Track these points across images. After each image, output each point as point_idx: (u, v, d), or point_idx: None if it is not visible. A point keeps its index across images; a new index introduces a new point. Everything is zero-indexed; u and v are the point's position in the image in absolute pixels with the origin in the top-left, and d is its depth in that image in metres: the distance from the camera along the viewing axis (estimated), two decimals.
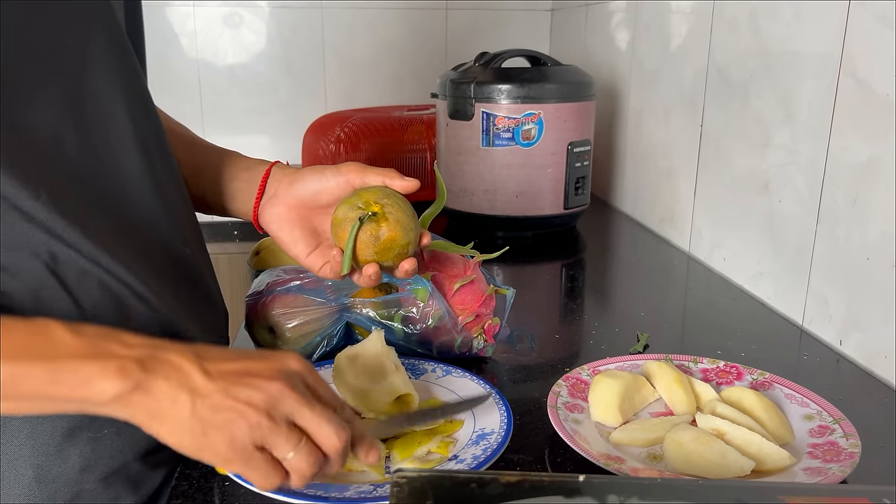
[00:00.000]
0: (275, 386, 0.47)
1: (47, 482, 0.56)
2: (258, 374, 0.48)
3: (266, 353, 0.51)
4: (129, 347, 0.47)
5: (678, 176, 1.24)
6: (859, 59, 0.79)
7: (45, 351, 0.45)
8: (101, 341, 0.46)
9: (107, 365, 0.45)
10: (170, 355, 0.47)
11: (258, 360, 0.50)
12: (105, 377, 0.45)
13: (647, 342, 0.85)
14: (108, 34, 0.59)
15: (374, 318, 0.76)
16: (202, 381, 0.46)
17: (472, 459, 0.59)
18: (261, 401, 0.46)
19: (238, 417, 0.46)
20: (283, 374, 0.48)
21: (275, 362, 0.49)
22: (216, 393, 0.46)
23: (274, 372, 0.48)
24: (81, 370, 0.45)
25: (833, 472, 0.56)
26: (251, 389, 0.47)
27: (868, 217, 0.78)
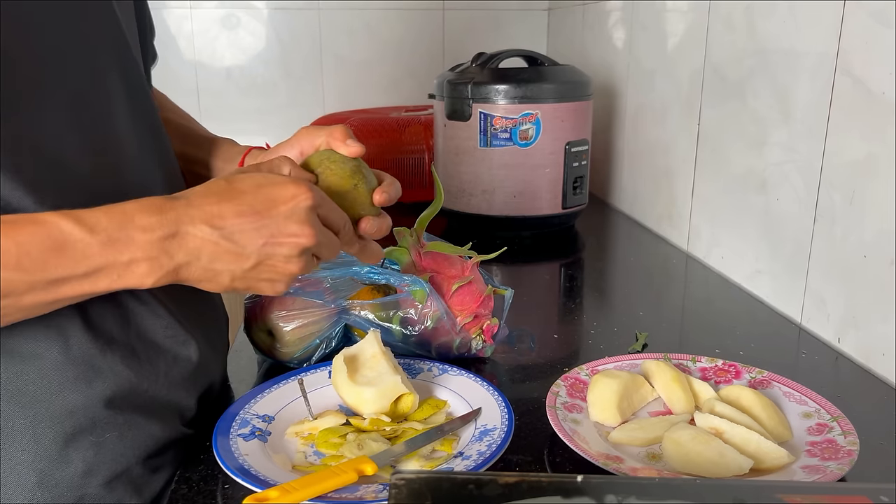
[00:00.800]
0: (302, 242, 0.53)
1: (50, 487, 0.56)
2: (284, 232, 0.53)
3: (278, 197, 0.53)
4: (148, 232, 0.49)
5: (676, 175, 1.24)
6: (855, 56, 0.79)
7: (70, 255, 0.47)
8: (117, 233, 0.48)
9: (135, 257, 0.48)
10: (189, 233, 0.50)
11: (277, 215, 0.53)
12: (137, 271, 0.49)
13: (645, 341, 0.85)
14: (113, 41, 0.59)
15: (373, 320, 0.76)
16: (233, 253, 0.52)
17: (478, 455, 0.59)
18: (295, 261, 0.54)
19: (277, 278, 0.54)
20: (304, 224, 0.53)
21: (292, 213, 0.53)
22: (249, 260, 0.52)
23: (297, 225, 0.53)
24: (113, 268, 0.48)
25: (831, 469, 0.56)
26: (285, 251, 0.53)
27: (865, 215, 0.78)
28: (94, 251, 0.47)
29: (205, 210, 0.51)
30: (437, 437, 0.63)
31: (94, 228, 0.47)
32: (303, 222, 0.53)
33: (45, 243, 0.46)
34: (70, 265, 0.47)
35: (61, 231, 0.47)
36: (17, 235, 0.46)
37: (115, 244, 0.48)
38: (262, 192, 0.53)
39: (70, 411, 0.55)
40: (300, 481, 0.54)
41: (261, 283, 0.54)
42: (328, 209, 0.57)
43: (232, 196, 0.52)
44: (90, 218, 0.48)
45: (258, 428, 0.64)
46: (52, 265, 0.46)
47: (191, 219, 0.50)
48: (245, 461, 0.59)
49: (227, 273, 0.52)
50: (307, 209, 0.54)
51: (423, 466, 0.60)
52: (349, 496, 0.55)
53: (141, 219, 0.49)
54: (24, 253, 0.46)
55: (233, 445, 0.61)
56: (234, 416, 0.65)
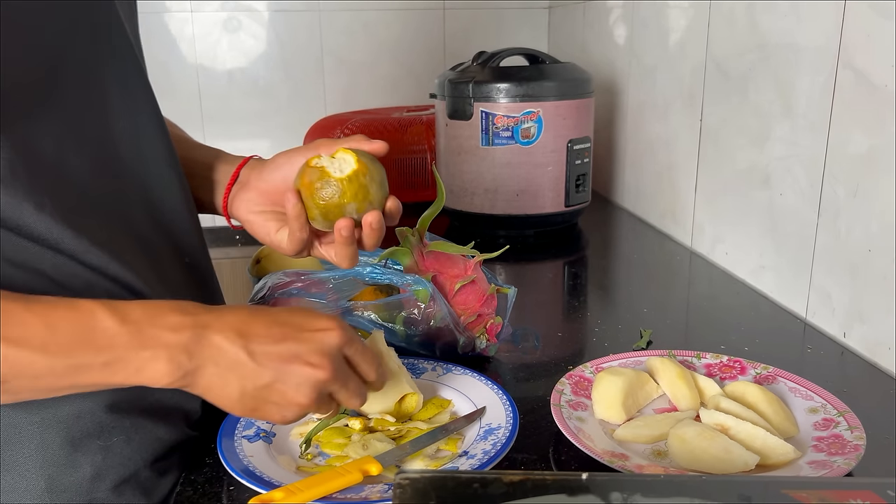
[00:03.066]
0: (317, 375, 0.52)
1: (59, 492, 0.56)
2: (302, 358, 0.51)
3: (308, 325, 0.53)
4: (176, 331, 0.49)
5: (679, 171, 1.24)
6: (857, 50, 0.78)
7: (96, 343, 0.47)
8: (147, 328, 0.48)
9: (157, 354, 0.48)
10: (214, 338, 0.50)
11: (301, 339, 0.52)
12: (156, 368, 0.48)
13: (650, 338, 0.85)
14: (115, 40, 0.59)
15: (376, 321, 0.76)
16: (249, 367, 0.50)
17: (483, 454, 0.59)
18: (305, 392, 0.52)
19: (285, 404, 0.52)
20: (325, 357, 0.52)
21: (317, 343, 0.52)
22: (263, 378, 0.51)
23: (317, 356, 0.52)
24: (133, 361, 0.48)
25: (838, 464, 0.56)
26: (296, 379, 0.51)
27: (869, 208, 0.78)
28: (120, 341, 0.47)
29: (236, 319, 0.51)
30: (441, 436, 0.63)
31: (125, 319, 0.48)
32: (324, 355, 0.52)
33: (76, 327, 0.47)
34: (93, 352, 0.47)
35: (95, 318, 0.47)
36: (49, 316, 0.46)
37: (142, 337, 0.48)
38: (294, 317, 0.53)
39: (77, 416, 0.56)
40: (305, 482, 0.54)
41: (268, 405, 0.52)
42: (357, 352, 0.55)
43: (266, 313, 0.53)
44: (125, 308, 0.48)
45: (262, 429, 0.64)
46: (77, 350, 0.46)
47: (220, 325, 0.50)
48: (250, 463, 0.59)
49: (238, 386, 0.51)
50: (334, 345, 0.53)
51: (427, 466, 0.60)
52: (354, 496, 0.55)
53: (172, 317, 0.49)
54: (51, 335, 0.46)
55: (237, 447, 0.61)
56: (238, 418, 0.65)
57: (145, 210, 0.61)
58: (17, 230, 0.50)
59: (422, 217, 0.79)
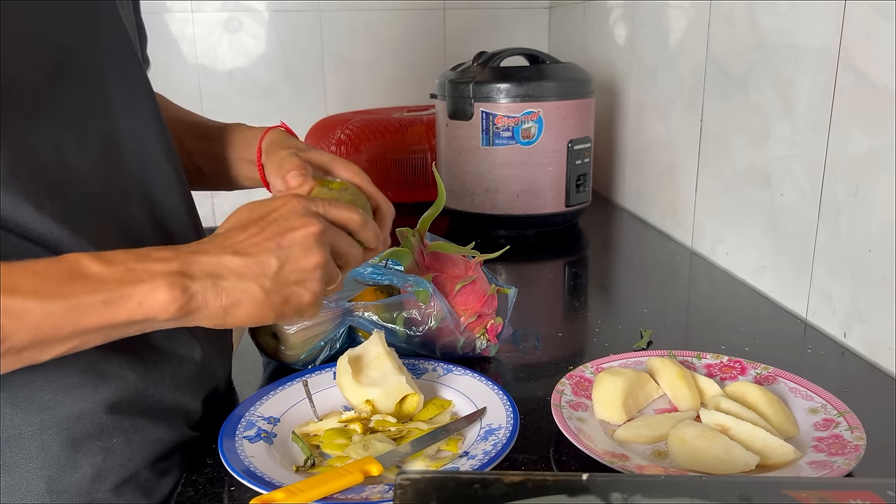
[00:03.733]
0: (310, 229, 0.53)
1: (59, 493, 0.56)
2: (288, 227, 0.53)
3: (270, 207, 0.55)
4: (165, 261, 0.49)
5: (679, 171, 1.24)
6: (857, 50, 0.78)
7: (88, 284, 0.46)
8: (135, 264, 0.48)
9: (154, 284, 0.47)
10: (204, 257, 0.50)
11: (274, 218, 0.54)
12: (158, 297, 0.47)
13: (650, 339, 0.85)
14: (116, 39, 0.59)
15: (377, 321, 0.76)
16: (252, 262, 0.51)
17: (483, 455, 0.59)
18: (313, 250, 0.53)
19: (306, 276, 0.53)
20: (303, 215, 0.54)
21: (287, 211, 0.54)
22: (271, 263, 0.51)
23: (296, 219, 0.54)
24: (132, 295, 0.47)
25: (838, 465, 0.56)
26: (298, 245, 0.53)
27: (869, 208, 0.78)
28: (113, 279, 0.47)
29: (213, 241, 0.53)
30: (442, 436, 0.63)
31: (111, 261, 0.47)
32: (301, 214, 0.54)
33: (63, 272, 0.46)
34: (87, 291, 0.46)
35: (78, 263, 0.47)
36: (34, 266, 0.46)
37: (133, 273, 0.47)
38: (256, 209, 0.55)
39: (77, 417, 0.56)
40: (306, 482, 0.54)
41: (293, 287, 0.52)
42: (325, 207, 0.57)
43: (231, 228, 0.54)
44: (108, 254, 0.48)
45: (263, 430, 0.65)
46: (69, 290, 0.45)
47: (203, 249, 0.51)
48: (251, 463, 0.59)
49: (258, 287, 0.51)
50: (301, 204, 0.55)
51: (428, 466, 0.60)
52: (355, 497, 0.55)
53: (157, 252, 0.49)
54: (40, 280, 0.45)
55: (238, 447, 0.61)
56: (239, 418, 0.65)
57: (144, 209, 0.61)
58: (17, 230, 0.50)
59: (422, 217, 0.79)
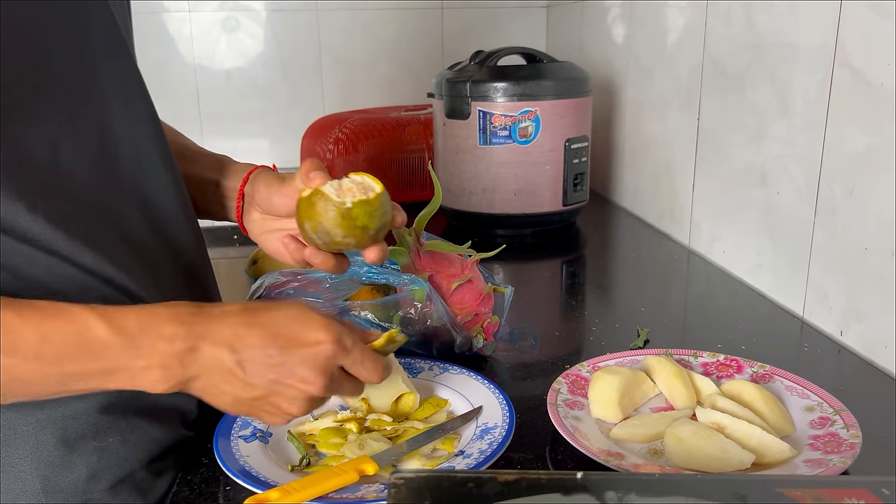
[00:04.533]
0: (309, 390, 0.52)
1: (54, 493, 0.56)
2: (295, 375, 0.52)
3: (301, 338, 0.52)
4: (170, 342, 0.49)
5: (676, 170, 1.24)
6: (853, 48, 0.78)
7: (90, 352, 0.48)
8: (141, 338, 0.49)
9: (151, 363, 0.49)
10: (207, 350, 0.50)
11: (293, 356, 0.52)
12: (150, 377, 0.49)
13: (647, 337, 0.85)
14: (110, 40, 0.59)
15: (373, 320, 0.76)
16: (241, 381, 0.51)
17: (479, 454, 0.59)
18: (298, 405, 0.53)
19: (278, 413, 0.54)
20: (317, 373, 0.52)
21: (310, 359, 0.52)
22: (255, 391, 0.52)
23: (310, 372, 0.52)
24: (127, 370, 0.49)
25: (834, 463, 0.56)
26: (289, 393, 0.52)
27: (866, 207, 0.78)
28: (114, 351, 0.48)
29: (229, 331, 0.51)
30: (438, 435, 0.63)
31: (120, 329, 0.48)
32: (317, 372, 0.52)
33: (70, 339, 0.47)
34: (88, 362, 0.48)
35: (88, 328, 0.48)
36: (43, 326, 0.47)
37: (137, 349, 0.48)
38: (289, 327, 0.52)
39: (72, 417, 0.55)
40: (301, 482, 0.54)
41: (261, 412, 0.54)
42: (354, 362, 0.55)
43: (260, 323, 0.52)
44: (119, 317, 0.49)
45: (259, 429, 0.64)
46: (71, 361, 0.47)
47: (213, 337, 0.51)
48: (246, 463, 0.59)
49: (231, 396, 0.52)
50: (326, 359, 0.53)
51: (424, 465, 0.60)
52: (350, 496, 0.55)
53: (167, 327, 0.50)
54: (46, 344, 0.46)
55: (234, 447, 0.61)
56: (234, 418, 0.65)
57: (140, 210, 0.61)
58: (11, 231, 0.50)
59: (419, 216, 0.79)
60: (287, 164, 1.91)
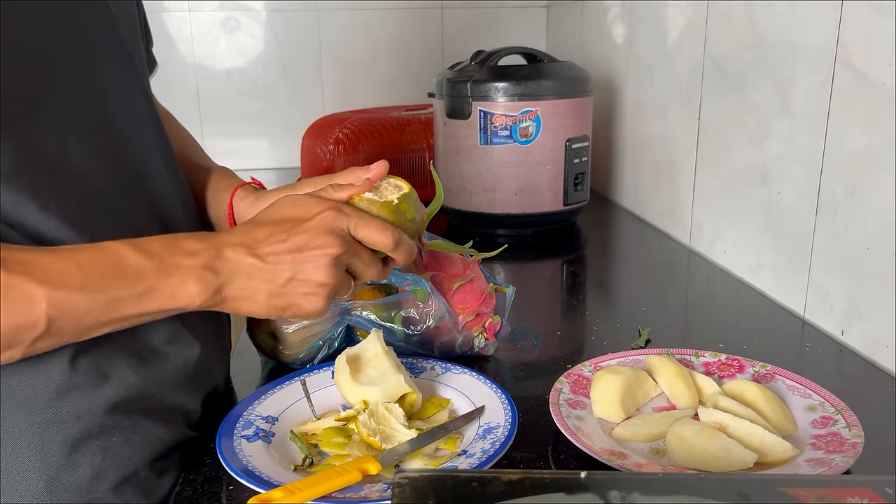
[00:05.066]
0: (329, 251, 0.55)
1: (58, 492, 0.56)
2: (310, 244, 0.55)
3: (304, 215, 0.56)
4: (194, 256, 0.53)
5: (677, 169, 1.24)
6: (854, 48, 0.79)
7: (128, 277, 0.51)
8: (169, 257, 0.52)
9: (185, 278, 0.52)
10: (228, 253, 0.54)
11: (301, 230, 0.55)
12: (187, 290, 0.52)
13: (648, 337, 0.85)
14: (109, 41, 0.59)
15: (375, 320, 0.76)
16: (266, 269, 0.55)
17: (482, 453, 0.59)
18: (325, 271, 0.55)
19: (311, 290, 0.56)
20: (329, 235, 0.55)
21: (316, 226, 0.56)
22: (282, 274, 0.55)
23: (321, 237, 0.55)
24: (165, 288, 0.52)
25: (836, 462, 0.56)
26: (312, 263, 0.55)
27: (867, 206, 0.78)
28: (148, 272, 0.51)
29: (242, 235, 0.55)
30: (440, 435, 0.63)
31: (148, 253, 0.52)
32: (327, 233, 0.56)
33: (105, 265, 0.50)
34: (128, 285, 0.50)
35: (119, 255, 0.51)
36: (79, 258, 0.49)
37: (166, 266, 0.52)
38: (289, 212, 0.57)
39: (77, 416, 0.56)
40: (304, 481, 0.54)
41: (298, 298, 0.56)
42: (357, 224, 0.57)
43: (263, 220, 0.57)
44: (144, 244, 0.52)
45: (262, 429, 0.64)
46: (111, 285, 0.50)
47: (230, 243, 0.54)
48: (249, 462, 0.59)
49: (264, 290, 0.55)
50: (332, 220, 0.56)
51: (427, 465, 0.60)
52: (353, 496, 0.55)
53: (187, 244, 0.53)
54: (86, 274, 0.49)
55: (237, 447, 0.61)
56: (237, 417, 0.65)
57: (146, 209, 0.61)
58: (21, 229, 0.50)
59: None
60: (287, 164, 1.91)
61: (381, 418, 0.64)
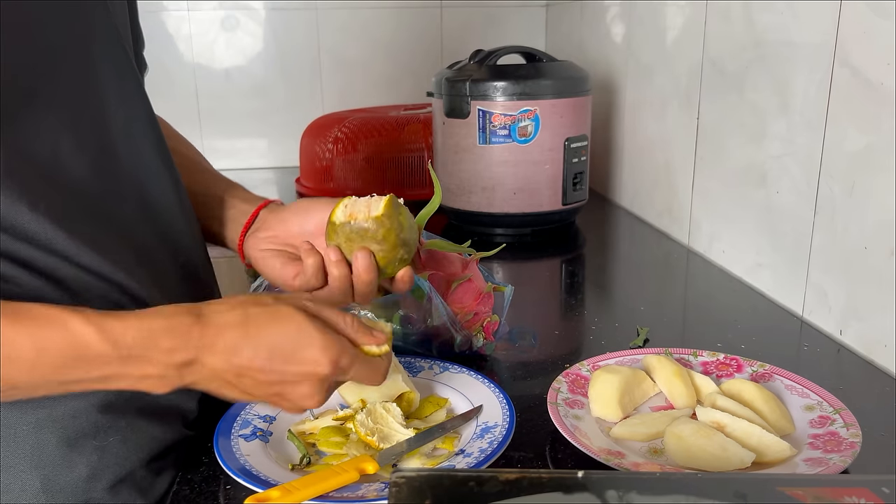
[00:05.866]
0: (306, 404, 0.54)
1: (54, 492, 0.56)
2: (290, 396, 0.53)
3: (297, 358, 0.51)
4: (168, 355, 0.49)
5: (676, 169, 1.24)
6: (853, 48, 0.79)
7: (88, 364, 0.48)
8: (139, 352, 0.49)
9: (149, 373, 0.50)
10: (205, 369, 0.51)
11: (287, 381, 0.52)
12: (150, 384, 0.50)
13: (646, 336, 0.85)
14: (107, 40, 0.59)
15: (373, 319, 0.76)
16: (242, 395, 0.53)
17: (479, 453, 0.59)
18: (299, 410, 0.55)
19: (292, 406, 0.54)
20: (313, 393, 0.53)
21: (303, 383, 0.52)
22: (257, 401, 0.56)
23: (305, 392, 0.53)
24: (127, 378, 0.49)
25: (834, 462, 0.56)
26: (287, 405, 0.54)
27: (865, 206, 0.78)
28: (112, 361, 0.48)
29: (226, 344, 0.50)
30: (438, 434, 0.63)
31: (116, 344, 0.48)
32: (314, 390, 0.53)
33: (65, 351, 0.47)
34: (85, 370, 0.48)
35: (84, 341, 0.47)
36: (38, 338, 0.46)
37: (135, 361, 0.49)
38: (287, 344, 0.51)
39: (73, 416, 0.55)
40: (301, 481, 0.54)
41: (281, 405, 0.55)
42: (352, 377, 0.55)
43: (257, 337, 0.51)
44: (115, 330, 0.48)
45: (259, 428, 0.64)
46: (68, 371, 0.48)
47: (212, 349, 0.50)
48: (246, 462, 0.59)
49: (234, 397, 0.54)
50: (321, 380, 0.53)
51: (424, 464, 0.60)
52: (351, 495, 0.55)
53: (164, 341, 0.49)
54: (41, 357, 0.46)
55: (234, 446, 0.61)
56: (235, 416, 0.65)
57: (140, 210, 0.61)
58: (11, 230, 0.50)
59: (418, 215, 0.78)
60: (286, 164, 1.91)
61: (379, 418, 0.64)
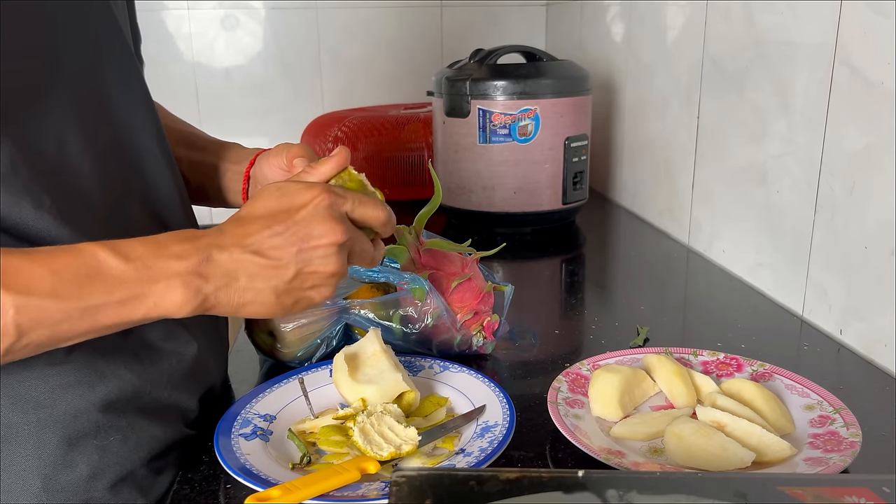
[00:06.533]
0: (333, 239, 0.53)
1: (55, 492, 0.56)
2: (312, 234, 0.52)
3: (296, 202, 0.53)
4: (182, 258, 0.49)
5: (676, 168, 1.24)
6: (853, 47, 0.79)
7: (105, 283, 0.47)
8: (153, 261, 0.48)
9: (171, 284, 0.48)
10: (223, 255, 0.50)
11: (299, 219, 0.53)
12: (173, 298, 0.49)
13: (647, 336, 0.85)
14: (111, 37, 0.59)
15: (373, 319, 0.76)
16: (270, 267, 0.52)
17: (480, 452, 0.59)
18: (332, 260, 0.53)
19: (321, 282, 0.54)
20: (328, 221, 0.53)
21: (314, 214, 0.53)
22: (288, 270, 0.52)
23: (322, 225, 0.53)
24: (149, 295, 0.48)
25: (834, 461, 0.56)
26: (318, 254, 0.53)
27: (866, 205, 0.78)
28: (130, 278, 0.47)
29: (234, 233, 0.52)
30: (438, 434, 0.63)
31: (128, 256, 0.47)
32: (327, 220, 0.53)
33: (81, 270, 0.46)
34: (105, 291, 0.47)
35: (97, 258, 0.47)
36: (53, 263, 0.46)
37: (150, 271, 0.48)
38: (281, 202, 0.54)
39: (73, 415, 0.55)
40: (302, 480, 0.54)
41: (308, 291, 0.54)
42: (354, 204, 0.56)
43: (255, 216, 0.53)
44: (125, 247, 0.48)
45: (260, 427, 0.64)
46: (87, 291, 0.46)
47: (222, 243, 0.51)
48: (247, 461, 0.59)
49: (270, 289, 0.52)
50: (327, 207, 0.54)
51: (424, 464, 0.60)
52: (351, 494, 0.55)
53: (175, 247, 0.49)
54: (58, 280, 0.45)
55: (234, 445, 0.61)
56: (235, 416, 0.65)
57: (142, 206, 0.61)
58: (15, 228, 0.50)
59: (418, 215, 0.79)
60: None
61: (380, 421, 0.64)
